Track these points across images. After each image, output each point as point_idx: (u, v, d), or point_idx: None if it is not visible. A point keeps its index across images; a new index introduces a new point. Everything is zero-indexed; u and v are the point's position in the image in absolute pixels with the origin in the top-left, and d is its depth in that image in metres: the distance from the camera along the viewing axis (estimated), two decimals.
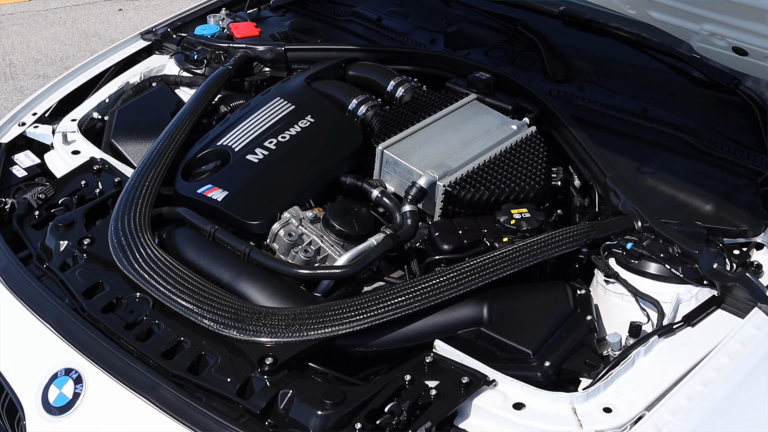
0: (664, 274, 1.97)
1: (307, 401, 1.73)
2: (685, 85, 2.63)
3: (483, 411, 1.74)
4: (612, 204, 2.18)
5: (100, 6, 7.02)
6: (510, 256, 1.98)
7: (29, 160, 2.63)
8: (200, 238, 2.14)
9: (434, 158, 2.29)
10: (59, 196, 2.38)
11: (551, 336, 1.86)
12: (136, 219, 2.13)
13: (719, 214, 2.17)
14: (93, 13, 6.90)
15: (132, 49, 3.08)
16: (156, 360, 1.84)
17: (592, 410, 1.71)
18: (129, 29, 6.49)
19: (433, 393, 1.75)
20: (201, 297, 1.91)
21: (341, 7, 3.36)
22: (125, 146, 2.60)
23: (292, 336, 1.83)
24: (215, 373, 1.80)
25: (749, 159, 2.37)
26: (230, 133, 2.44)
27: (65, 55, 6.16)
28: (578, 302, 1.96)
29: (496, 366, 1.81)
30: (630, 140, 2.48)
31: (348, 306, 1.87)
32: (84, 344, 1.89)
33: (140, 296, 1.99)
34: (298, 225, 2.14)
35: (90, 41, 6.38)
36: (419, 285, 1.91)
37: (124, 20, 6.76)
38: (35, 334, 1.95)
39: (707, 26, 2.10)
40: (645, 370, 1.79)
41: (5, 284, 2.08)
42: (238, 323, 1.85)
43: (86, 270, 2.09)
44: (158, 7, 6.99)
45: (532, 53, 2.88)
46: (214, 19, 3.25)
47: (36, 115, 2.75)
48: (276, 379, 1.78)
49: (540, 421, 1.71)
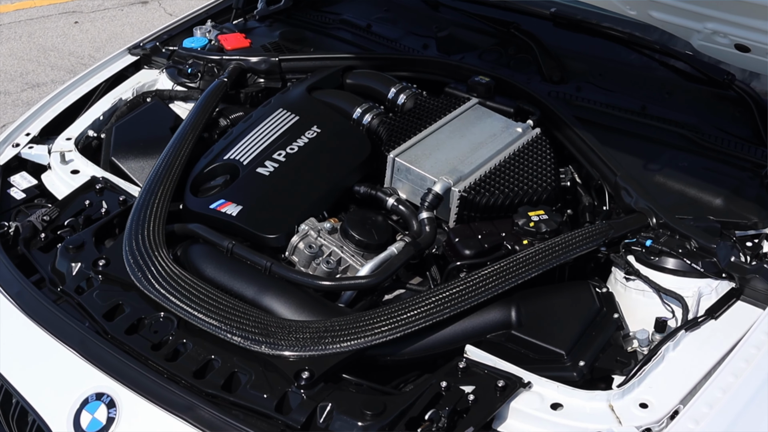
0: (683, 269, 2.01)
1: (347, 413, 1.72)
2: (679, 81, 2.68)
3: (521, 413, 1.76)
4: (624, 202, 2.21)
5: (55, 19, 6.91)
6: (534, 258, 2.00)
7: (26, 181, 2.58)
8: (218, 254, 2.12)
9: (446, 164, 2.30)
10: (64, 217, 2.34)
11: (582, 335, 1.89)
12: (150, 237, 2.11)
13: (729, 207, 2.21)
14: (49, 26, 6.79)
15: (120, 65, 3.04)
16: (188, 380, 1.82)
17: (628, 406, 1.73)
18: (87, 42, 6.43)
19: (470, 398, 1.76)
20: (229, 314, 1.89)
21: (328, 15, 3.35)
22: (126, 163, 2.57)
23: (327, 349, 1.82)
24: (251, 390, 1.79)
25: (749, 152, 2.43)
26: (236, 146, 2.42)
27: (24, 70, 6.05)
28: (603, 301, 1.99)
29: (529, 368, 1.83)
30: (632, 138, 2.52)
31: (379, 315, 1.87)
32: (112, 367, 1.86)
33: (164, 316, 1.97)
34: (317, 237, 2.14)
35: (48, 55, 6.27)
36: (448, 291, 1.92)
37: (81, 33, 6.66)
38: (59, 359, 1.91)
39: (710, 25, 2.15)
40: (675, 364, 1.83)
41: (22, 309, 2.04)
42: (269, 338, 1.84)
43: (104, 292, 2.06)
44: (115, 18, 6.91)
45: (527, 55, 2.90)
46: (201, 31, 3.22)
47: (30, 135, 2.70)
48: (313, 393, 1.77)
49: (579, 420, 1.73)
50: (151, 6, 7.07)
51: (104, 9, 7.04)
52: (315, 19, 3.35)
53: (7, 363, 1.95)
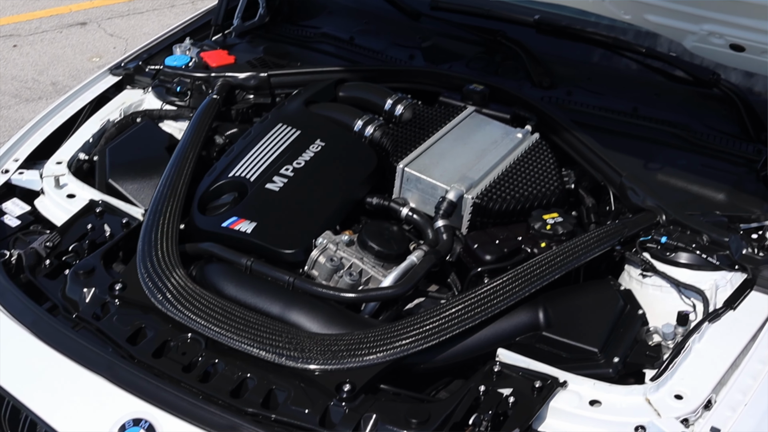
0: (698, 263, 2.07)
1: (393, 423, 1.73)
2: (665, 82, 2.76)
3: (560, 412, 1.79)
4: (631, 201, 2.27)
5: None
6: (557, 259, 2.03)
7: (19, 208, 2.51)
8: (236, 272, 2.10)
9: (454, 172, 2.32)
10: (66, 243, 2.29)
11: (611, 333, 1.93)
12: (165, 258, 2.08)
13: (732, 202, 2.29)
14: None
15: (102, 86, 2.99)
16: (225, 399, 1.80)
17: (664, 398, 1.78)
18: (29, 65, 6.29)
19: (511, 400, 1.78)
20: (260, 332, 1.89)
21: (307, 29, 3.35)
22: (124, 185, 2.52)
23: (364, 360, 1.82)
24: (292, 406, 1.78)
25: (741, 148, 2.52)
26: (240, 163, 2.41)
27: None
28: (625, 298, 2.03)
29: (563, 367, 1.86)
30: (628, 139, 2.58)
31: (413, 324, 1.88)
32: (146, 391, 1.82)
33: (192, 337, 1.94)
34: (336, 250, 2.13)
35: None
36: (477, 296, 1.94)
37: (21, 56, 6.51)
38: (88, 386, 1.87)
39: (707, 26, 2.22)
40: (702, 355, 1.88)
41: (41, 338, 1.98)
42: (304, 353, 1.84)
43: (123, 316, 2.02)
44: (54, 40, 6.76)
45: (514, 62, 2.95)
46: (181, 49, 3.18)
47: (18, 161, 2.63)
48: (355, 405, 1.77)
49: (620, 415, 1.76)
50: (90, 27, 6.95)
51: (42, 32, 6.89)
52: (295, 34, 3.34)
53: (32, 393, 1.89)
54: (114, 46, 6.59)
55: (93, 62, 6.32)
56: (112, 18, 7.09)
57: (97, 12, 7.20)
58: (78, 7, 7.30)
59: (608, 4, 2.37)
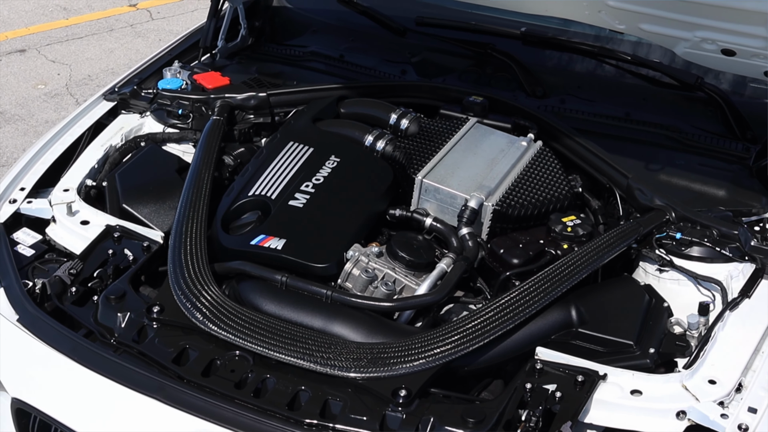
0: (711, 256, 2.20)
1: (450, 424, 1.79)
2: (652, 87, 2.90)
3: (604, 403, 1.88)
4: (639, 202, 2.39)
5: None
6: (583, 259, 2.13)
7: (30, 237, 2.50)
8: (272, 288, 2.14)
9: (471, 181, 2.41)
10: (88, 269, 2.30)
11: (642, 325, 2.03)
12: (200, 278, 2.11)
13: (733, 197, 2.43)
14: None
15: (98, 112, 2.98)
16: (283, 413, 1.84)
17: (699, 384, 1.88)
18: None
19: (557, 395, 1.86)
20: (308, 345, 1.93)
21: (295, 48, 3.41)
22: (139, 209, 2.53)
23: (415, 366, 1.88)
24: (351, 415, 1.82)
25: (730, 146, 2.67)
26: (258, 182, 2.44)
27: None
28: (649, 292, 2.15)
29: (600, 361, 1.96)
30: (625, 143, 2.71)
31: (457, 328, 1.95)
32: (203, 410, 1.85)
33: (239, 354, 1.97)
34: (368, 261, 2.19)
35: None
36: (515, 298, 2.02)
37: None
38: (144, 408, 1.88)
39: (700, 33, 2.36)
40: (727, 341, 1.99)
41: (86, 365, 1.99)
42: (354, 363, 1.89)
43: (165, 338, 2.04)
44: None
45: (505, 74, 3.06)
46: (171, 72, 3.20)
47: (24, 189, 2.62)
48: (412, 410, 1.83)
49: (661, 402, 1.86)
50: (29, 54, 6.84)
51: None
52: (283, 53, 3.39)
53: (85, 420, 1.90)
54: (58, 72, 6.50)
55: (39, 89, 6.23)
56: (51, 44, 7.01)
57: (34, 38, 7.11)
58: (14, 34, 7.19)
59: (604, 15, 2.49)
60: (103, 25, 7.40)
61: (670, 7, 2.27)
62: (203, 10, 3.40)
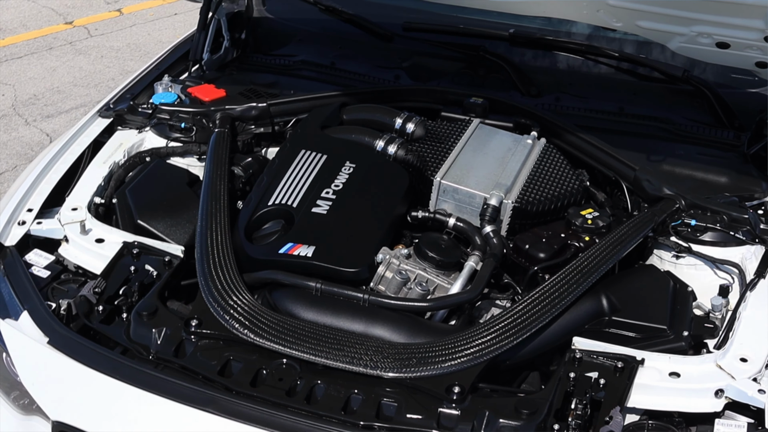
0: (725, 240, 2.30)
1: (506, 417, 1.84)
2: (639, 82, 3.00)
3: (645, 387, 1.95)
4: (648, 192, 2.48)
5: None
6: (608, 249, 2.21)
7: (43, 258, 2.47)
8: (307, 295, 2.16)
9: (487, 180, 2.47)
10: (111, 287, 2.28)
11: (672, 310, 2.11)
12: (234, 289, 2.12)
13: (734, 183, 2.54)
14: None
15: (96, 129, 2.95)
16: (339, 417, 1.86)
17: (732, 363, 1.97)
18: None
19: (602, 382, 1.93)
20: (355, 350, 1.96)
21: (283, 58, 3.42)
22: (154, 224, 2.52)
23: (464, 363, 1.93)
24: (407, 414, 1.86)
25: (721, 135, 2.80)
26: (276, 191, 2.45)
27: None
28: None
29: (636, 346, 2.03)
30: (624, 136, 2.81)
31: (498, 324, 2.01)
32: (260, 420, 1.86)
33: (286, 363, 1.99)
34: (399, 263, 2.23)
35: None
36: (550, 292, 2.08)
37: None
38: (196, 421, 1.88)
39: (697, 27, 2.46)
40: (751, 320, 2.09)
41: (131, 383, 1.98)
42: (403, 363, 1.93)
43: (207, 351, 2.04)
44: None
45: (497, 75, 3.13)
46: (162, 86, 3.19)
47: (32, 211, 2.58)
48: (465, 405, 1.87)
49: (699, 382, 1.94)
50: None
51: None
52: (273, 63, 3.40)
53: None
54: (2, 93, 6.35)
55: None
56: None
57: None
58: None
59: (602, 14, 2.58)
60: (41, 43, 7.24)
61: (670, 4, 2.36)
62: (141, 25, 3.36)
